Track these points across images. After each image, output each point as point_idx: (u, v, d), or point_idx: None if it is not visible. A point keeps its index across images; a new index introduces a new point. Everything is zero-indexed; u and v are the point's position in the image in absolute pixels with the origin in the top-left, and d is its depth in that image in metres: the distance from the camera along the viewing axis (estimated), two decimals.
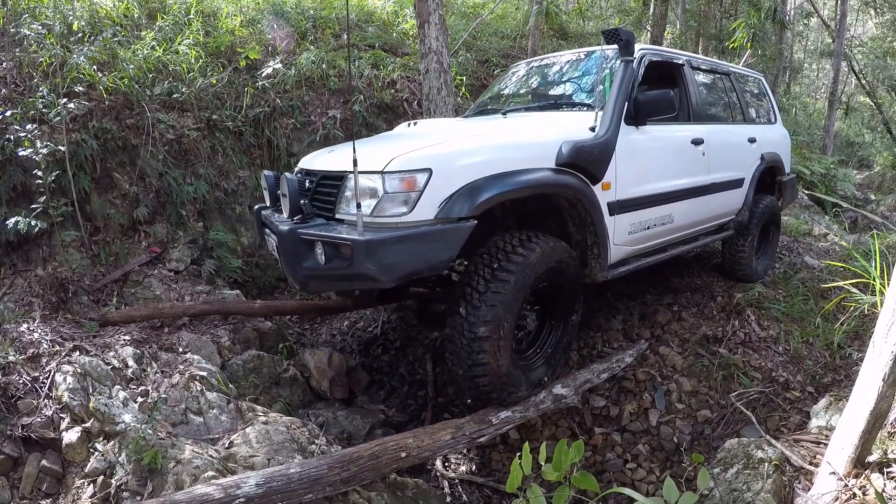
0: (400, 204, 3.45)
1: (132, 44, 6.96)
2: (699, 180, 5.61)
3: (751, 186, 6.60)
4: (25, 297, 4.96)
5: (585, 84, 5.21)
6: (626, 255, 4.96)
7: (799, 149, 14.02)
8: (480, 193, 3.58)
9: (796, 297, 6.22)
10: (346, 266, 3.42)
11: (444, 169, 3.53)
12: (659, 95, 4.58)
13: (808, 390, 4.90)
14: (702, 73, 6.19)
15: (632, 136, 4.69)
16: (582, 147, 4.11)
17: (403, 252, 3.40)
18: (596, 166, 4.27)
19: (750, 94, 7.22)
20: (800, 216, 9.93)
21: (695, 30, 15.09)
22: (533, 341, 4.62)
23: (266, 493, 3.03)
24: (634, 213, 4.79)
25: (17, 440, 3.57)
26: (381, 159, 3.53)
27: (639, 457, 4.69)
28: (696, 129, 5.64)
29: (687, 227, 5.70)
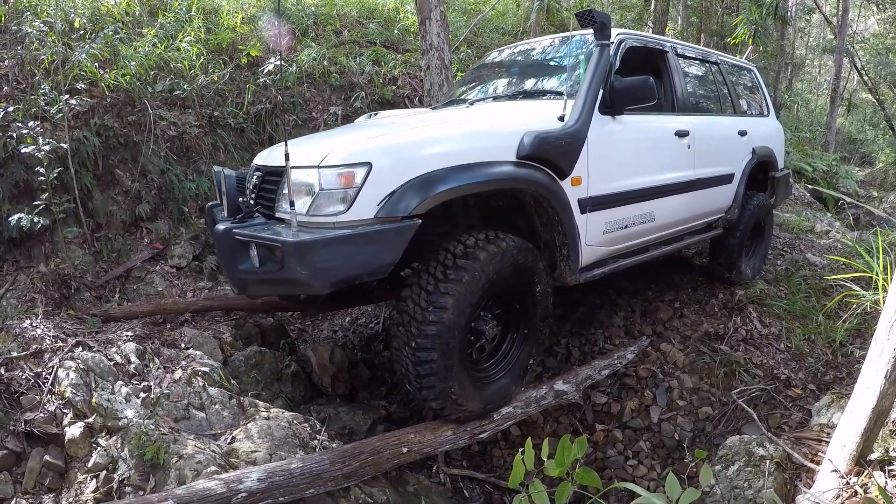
0: (337, 202, 3.15)
1: (134, 41, 6.97)
2: (684, 175, 5.29)
3: (741, 182, 6.31)
4: (28, 294, 4.97)
5: (559, 71, 4.83)
6: (602, 256, 4.61)
7: (801, 145, 14.03)
8: (426, 190, 3.25)
9: (798, 294, 6.21)
10: (278, 270, 3.17)
11: (385, 163, 3.22)
12: (637, 82, 4.23)
13: (810, 388, 4.90)
14: (688, 61, 5.89)
15: (607, 127, 4.35)
16: (546, 138, 3.77)
17: (338, 255, 3.08)
18: (563, 159, 3.92)
19: (741, 85, 6.94)
20: (801, 213, 9.92)
21: (696, 26, 15.09)
22: (493, 352, 4.18)
23: (268, 487, 3.04)
24: (610, 210, 4.45)
25: (19, 435, 3.57)
26: (319, 153, 3.28)
27: (640, 453, 4.70)
28: (681, 121, 5.30)
29: (670, 227, 5.38)
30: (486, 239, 3.66)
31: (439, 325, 3.39)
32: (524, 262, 3.82)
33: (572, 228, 4.09)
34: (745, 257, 6.60)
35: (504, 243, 3.69)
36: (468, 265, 3.48)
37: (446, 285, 3.42)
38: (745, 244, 6.52)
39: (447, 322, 3.40)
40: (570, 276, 4.26)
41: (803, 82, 26.09)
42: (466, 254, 3.54)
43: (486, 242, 3.63)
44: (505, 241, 3.71)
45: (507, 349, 4.20)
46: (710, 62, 6.30)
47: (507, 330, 4.21)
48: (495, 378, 4.09)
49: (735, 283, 6.41)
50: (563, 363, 5.56)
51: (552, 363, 5.60)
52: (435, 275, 3.47)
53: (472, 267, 3.48)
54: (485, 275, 3.54)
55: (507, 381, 4.15)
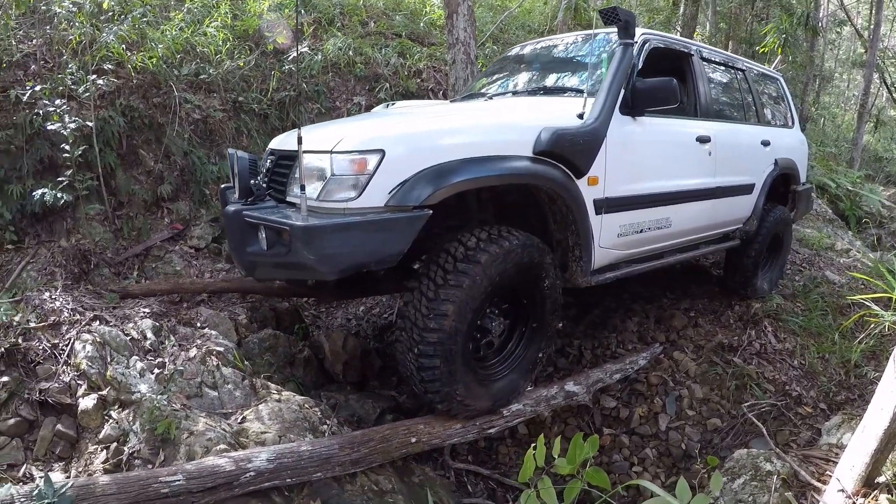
0: (348, 188, 3.11)
1: (161, 24, 7.01)
2: (703, 182, 5.17)
3: (761, 193, 6.14)
4: (48, 267, 5.02)
5: (581, 69, 4.73)
6: (615, 259, 4.50)
7: (825, 160, 13.91)
8: (438, 181, 3.19)
9: (815, 311, 6.17)
10: (286, 253, 3.13)
11: (398, 151, 3.17)
12: (660, 83, 4.13)
13: (821, 407, 4.88)
14: (713, 66, 5.77)
15: (627, 128, 4.26)
16: (564, 134, 3.68)
17: (346, 242, 3.04)
18: (580, 157, 3.83)
19: (766, 94, 6.79)
20: (822, 229, 9.84)
21: (725, 32, 14.98)
22: (499, 349, 4.10)
23: (276, 468, 3.06)
24: (626, 213, 4.36)
25: (33, 404, 3.62)
26: (332, 139, 3.24)
27: (645, 461, 4.69)
28: (703, 126, 5.17)
29: (687, 234, 5.24)
30: (489, 238, 3.55)
31: (440, 333, 3.34)
32: (530, 259, 3.72)
33: (586, 229, 4.02)
34: (762, 271, 6.47)
35: (507, 242, 3.58)
36: (469, 269, 3.40)
37: (447, 291, 3.35)
38: (763, 257, 6.38)
39: (448, 329, 3.35)
40: (581, 277, 4.17)
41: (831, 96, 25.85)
42: (467, 256, 3.44)
43: (487, 242, 3.52)
44: (508, 238, 3.61)
45: (514, 345, 4.13)
46: (735, 68, 6.17)
47: (515, 325, 4.15)
48: (503, 375, 4.03)
49: (750, 297, 6.30)
50: (575, 364, 5.56)
51: (563, 364, 5.60)
52: (435, 280, 3.40)
53: (472, 271, 3.40)
54: (487, 277, 3.46)
55: (515, 377, 4.08)
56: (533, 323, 4.10)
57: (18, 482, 3.24)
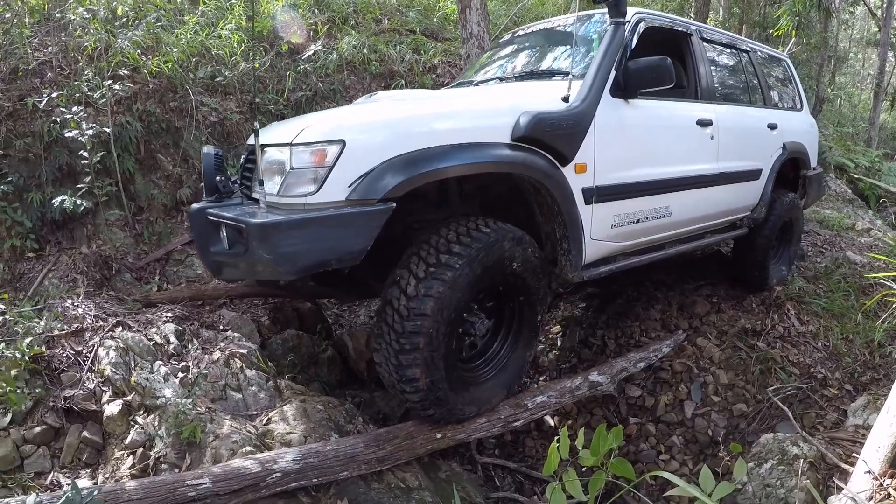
0: (308, 182, 2.94)
1: (176, 28, 7.05)
2: (705, 168, 4.91)
3: (769, 179, 5.87)
4: (70, 274, 5.07)
5: (572, 52, 4.40)
6: (610, 251, 4.24)
7: (843, 140, 13.78)
8: (403, 172, 2.97)
9: (837, 292, 6.11)
10: (244, 252, 2.96)
11: (360, 142, 2.96)
12: (653, 62, 3.88)
13: (846, 388, 4.84)
14: (715, 46, 5.51)
15: (618, 111, 4.02)
16: (544, 118, 3.45)
17: (304, 239, 2.84)
18: (563, 143, 3.58)
19: (773, 76, 6.53)
20: (842, 210, 9.75)
21: (738, 16, 14.84)
22: (484, 350, 3.87)
23: (302, 468, 3.08)
24: (619, 202, 4.10)
25: (59, 411, 3.65)
26: (294, 130, 3.08)
27: (672, 448, 4.68)
28: (704, 109, 4.91)
29: (689, 224, 4.99)
30: (468, 231, 3.32)
31: (420, 333, 3.13)
32: (514, 253, 3.49)
33: (574, 220, 3.76)
34: (773, 260, 6.24)
35: (488, 235, 3.34)
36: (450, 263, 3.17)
37: (426, 289, 3.13)
38: (773, 246, 6.17)
39: (428, 329, 3.13)
40: (571, 271, 3.91)
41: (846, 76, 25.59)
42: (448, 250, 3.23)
43: (466, 236, 3.29)
44: (489, 231, 3.37)
45: (499, 345, 3.91)
46: (739, 49, 5.92)
47: (500, 325, 3.92)
48: (488, 377, 3.81)
49: (761, 288, 6.11)
50: (599, 355, 5.55)
51: (587, 354, 5.60)
52: (414, 277, 3.19)
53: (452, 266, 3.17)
54: (468, 273, 3.22)
55: (502, 378, 3.86)
56: (519, 321, 3.89)
57: (46, 490, 3.27)
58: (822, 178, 7.36)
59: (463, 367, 3.65)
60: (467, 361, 3.75)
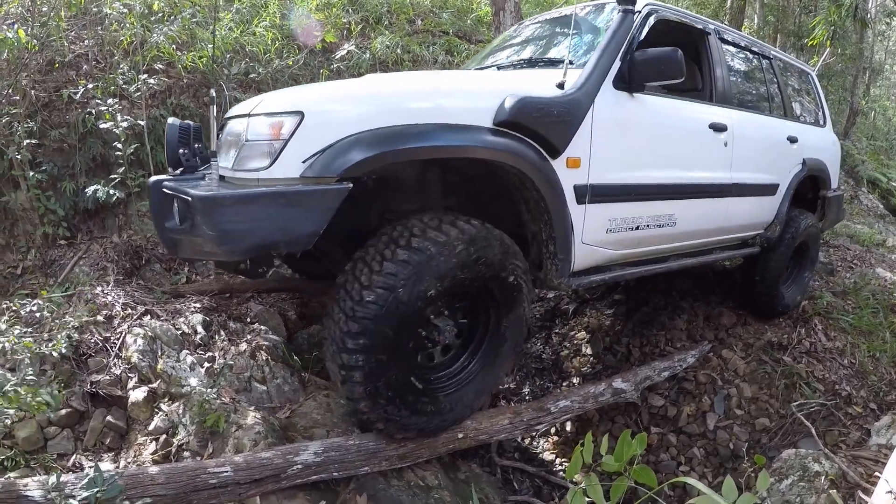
0: (261, 156, 2.69)
1: (210, 24, 7.12)
2: (717, 177, 4.58)
3: (786, 196, 5.48)
4: (100, 262, 5.14)
5: (581, 40, 4.12)
6: (604, 259, 3.89)
7: (876, 155, 13.60)
8: (362, 150, 2.67)
9: (866, 309, 6.01)
10: (189, 228, 2.71)
11: (320, 114, 2.71)
12: (661, 53, 3.56)
13: (871, 407, 4.77)
14: (735, 49, 5.20)
15: (622, 104, 3.71)
16: (532, 102, 3.13)
17: (249, 217, 2.58)
18: (554, 132, 3.25)
19: (796, 88, 6.23)
20: (874, 225, 9.62)
21: (773, 25, 14.71)
22: (452, 360, 3.49)
23: (323, 461, 3.09)
24: (617, 205, 3.77)
25: (84, 395, 3.69)
26: (256, 101, 2.92)
27: (693, 460, 4.64)
28: (719, 113, 4.57)
29: (696, 236, 4.65)
30: (437, 227, 3.01)
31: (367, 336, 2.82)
32: (488, 255, 3.13)
33: (563, 220, 3.42)
34: (783, 285, 5.83)
35: (459, 232, 3.01)
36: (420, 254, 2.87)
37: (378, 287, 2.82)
38: (785, 269, 5.79)
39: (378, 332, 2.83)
40: (557, 278, 3.56)
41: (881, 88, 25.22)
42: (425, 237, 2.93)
43: (434, 231, 2.98)
44: (461, 228, 3.04)
45: (468, 359, 3.52)
46: (761, 55, 5.60)
47: (473, 335, 3.54)
48: (452, 391, 3.42)
49: (767, 315, 5.78)
50: (623, 362, 5.53)
51: (612, 361, 5.58)
52: (364, 274, 2.88)
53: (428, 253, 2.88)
54: (429, 273, 2.90)
55: (469, 394, 3.49)
56: (495, 334, 3.51)
57: (68, 471, 3.31)
58: (841, 201, 6.92)
59: (422, 378, 3.27)
60: (428, 371, 3.38)
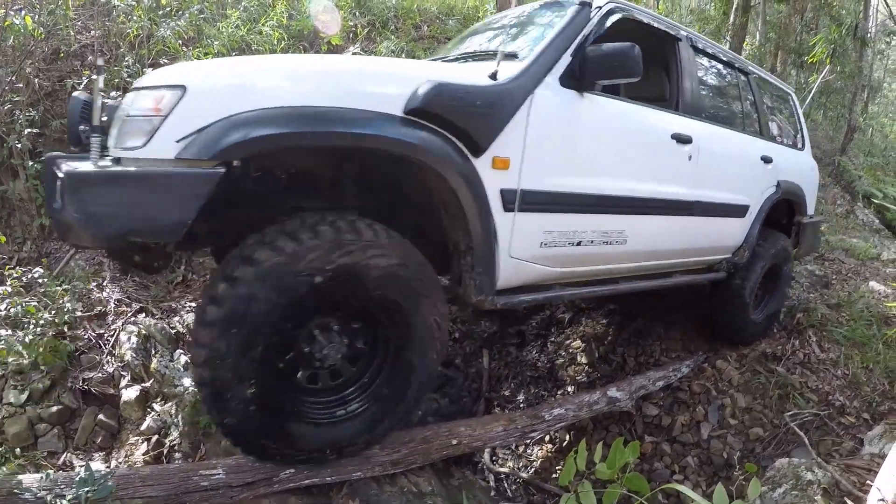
0: (139, 133, 2.36)
1: (218, 21, 7.12)
2: (678, 193, 4.17)
3: (757, 219, 5.14)
4: (96, 257, 5.11)
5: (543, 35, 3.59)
6: (540, 277, 3.45)
7: (873, 171, 13.65)
8: (241, 131, 2.34)
9: (860, 321, 6.02)
10: (61, 210, 2.36)
11: (204, 89, 2.40)
12: (616, 48, 3.20)
13: (864, 417, 4.78)
14: (708, 60, 4.87)
15: (569, 103, 3.33)
16: (448, 89, 2.77)
17: (115, 200, 2.26)
18: (475, 125, 2.85)
19: (775, 107, 5.91)
20: (869, 239, 9.65)
21: (774, 42, 14.77)
22: (346, 383, 3.01)
23: None
24: (554, 215, 3.35)
25: (76, 392, 3.69)
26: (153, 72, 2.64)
27: (686, 469, 4.64)
28: (684, 124, 4.17)
29: (651, 257, 4.24)
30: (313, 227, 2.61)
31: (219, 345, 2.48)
32: (377, 268, 2.70)
33: (485, 228, 2.99)
34: (753, 312, 5.53)
35: (342, 235, 2.62)
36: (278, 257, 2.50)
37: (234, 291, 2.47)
38: (756, 295, 5.46)
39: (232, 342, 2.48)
40: (475, 294, 3.10)
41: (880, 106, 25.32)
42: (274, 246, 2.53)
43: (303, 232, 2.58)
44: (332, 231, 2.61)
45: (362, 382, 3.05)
46: (739, 70, 5.26)
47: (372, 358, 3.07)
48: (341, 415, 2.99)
49: (733, 343, 5.55)
50: (618, 371, 5.54)
51: (606, 370, 5.59)
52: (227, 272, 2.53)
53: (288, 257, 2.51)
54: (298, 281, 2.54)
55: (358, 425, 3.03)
56: (393, 354, 3.03)
57: (58, 469, 3.30)
58: (818, 228, 6.57)
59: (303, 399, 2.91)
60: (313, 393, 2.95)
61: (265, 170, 2.80)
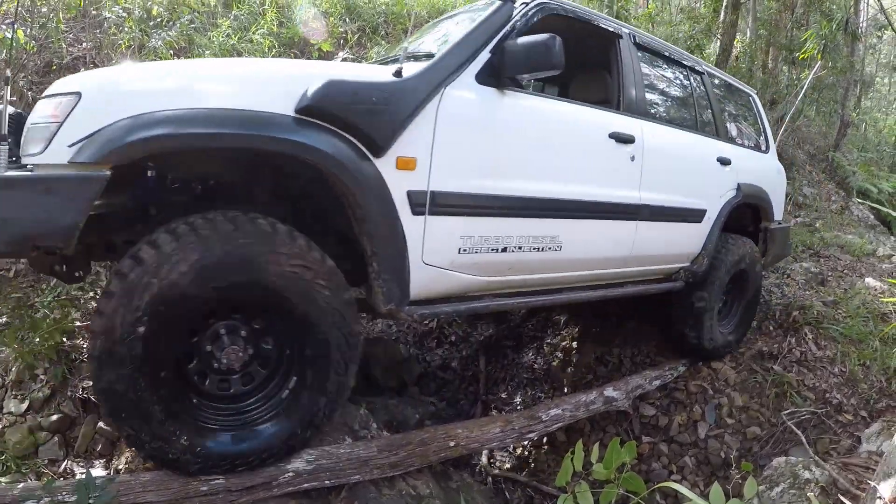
0: (40, 140, 2.39)
1: (208, 31, 7.14)
2: (620, 195, 3.94)
3: (716, 224, 4.87)
4: (93, 266, 5.11)
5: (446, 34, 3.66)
6: (463, 287, 3.27)
7: (867, 166, 13.67)
8: (125, 135, 2.33)
9: (856, 318, 6.04)
10: None
11: (98, 94, 2.43)
12: (534, 40, 3.07)
13: (861, 414, 4.79)
14: (655, 58, 4.67)
15: (486, 101, 3.18)
16: (341, 86, 2.67)
17: (9, 205, 2.27)
18: (372, 123, 2.73)
19: (733, 108, 5.71)
20: (864, 235, 9.67)
21: (765, 39, 14.78)
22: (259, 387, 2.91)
23: (315, 469, 3.08)
24: (473, 219, 3.15)
25: (76, 401, 3.70)
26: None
27: (684, 469, 4.66)
28: (626, 122, 3.97)
29: (592, 266, 3.98)
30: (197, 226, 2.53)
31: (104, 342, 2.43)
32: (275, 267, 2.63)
33: (390, 233, 2.87)
34: (721, 322, 5.35)
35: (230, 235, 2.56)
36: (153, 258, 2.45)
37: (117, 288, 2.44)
38: (718, 305, 5.21)
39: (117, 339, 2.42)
40: (384, 303, 2.95)
41: (872, 101, 25.35)
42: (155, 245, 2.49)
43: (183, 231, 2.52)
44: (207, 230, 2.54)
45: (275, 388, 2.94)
46: (689, 69, 5.02)
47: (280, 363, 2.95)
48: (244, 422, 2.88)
49: (695, 357, 5.32)
50: (614, 372, 5.55)
51: (603, 371, 5.61)
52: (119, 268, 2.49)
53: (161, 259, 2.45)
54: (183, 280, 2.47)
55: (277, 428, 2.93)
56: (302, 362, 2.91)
57: (59, 477, 3.32)
58: (787, 235, 6.29)
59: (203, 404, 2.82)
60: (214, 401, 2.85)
61: (182, 179, 2.80)
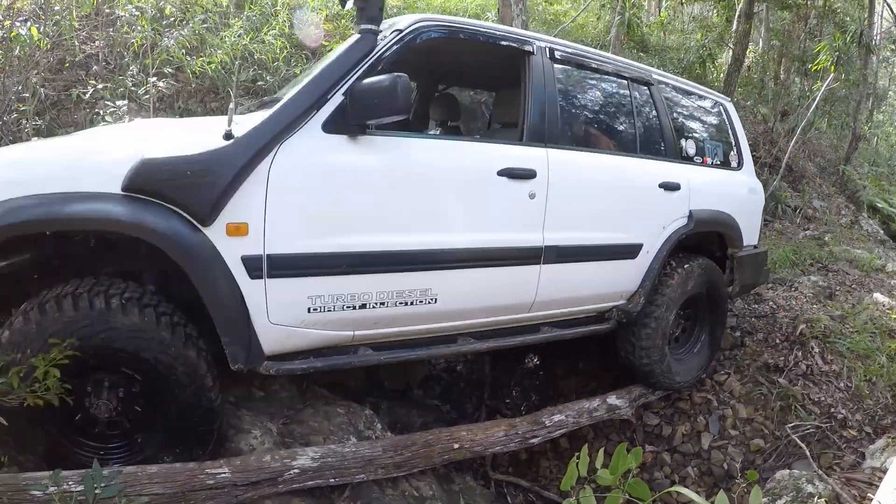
0: None
1: (220, 31, 7.18)
2: (515, 239, 3.62)
3: (657, 258, 4.45)
4: None
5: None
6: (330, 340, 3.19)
7: (878, 180, 13.65)
8: None
9: (863, 333, 6.01)
10: None
11: None
12: (376, 82, 2.87)
13: (866, 430, 4.77)
14: (579, 72, 4.22)
15: (333, 150, 3.00)
16: (154, 164, 2.65)
17: None
18: (189, 195, 2.70)
19: (693, 121, 5.19)
20: (873, 251, 9.64)
21: (777, 49, 14.78)
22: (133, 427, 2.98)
23: (320, 467, 3.11)
24: (319, 279, 3.02)
25: None
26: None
27: (687, 479, 4.66)
28: (525, 155, 3.63)
29: (483, 314, 3.71)
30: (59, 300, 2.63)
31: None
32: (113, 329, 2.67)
33: (230, 296, 2.83)
34: (685, 351, 5.10)
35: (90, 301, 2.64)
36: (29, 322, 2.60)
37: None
38: (672, 337, 4.91)
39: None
40: (232, 362, 2.92)
41: (885, 114, 25.26)
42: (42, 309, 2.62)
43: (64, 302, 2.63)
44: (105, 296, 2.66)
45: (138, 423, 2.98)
46: (631, 80, 4.52)
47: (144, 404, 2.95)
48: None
49: (662, 388, 4.93)
50: (619, 380, 5.51)
51: (607, 379, 5.58)
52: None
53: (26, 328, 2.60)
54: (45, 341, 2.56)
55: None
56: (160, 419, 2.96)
57: None
58: (763, 262, 5.78)
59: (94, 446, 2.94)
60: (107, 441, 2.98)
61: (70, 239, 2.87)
